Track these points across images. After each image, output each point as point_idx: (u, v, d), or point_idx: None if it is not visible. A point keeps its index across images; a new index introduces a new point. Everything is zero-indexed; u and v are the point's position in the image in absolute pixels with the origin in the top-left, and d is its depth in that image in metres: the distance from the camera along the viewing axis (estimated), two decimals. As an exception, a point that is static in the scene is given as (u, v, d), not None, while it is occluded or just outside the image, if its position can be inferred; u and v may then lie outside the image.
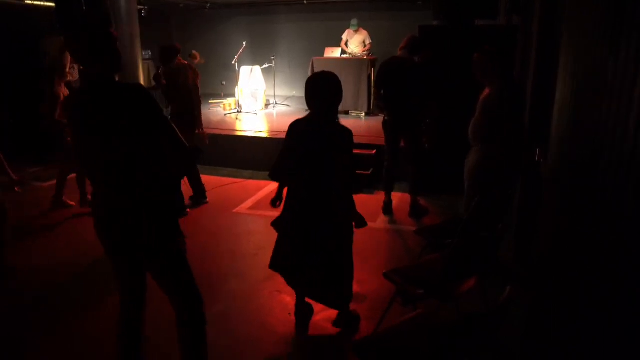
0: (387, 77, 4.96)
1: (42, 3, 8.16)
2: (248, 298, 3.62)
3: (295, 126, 2.96)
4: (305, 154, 2.88)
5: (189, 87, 5.41)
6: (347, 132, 2.92)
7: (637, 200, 1.22)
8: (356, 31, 9.39)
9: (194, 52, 8.87)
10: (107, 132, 2.06)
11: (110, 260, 2.38)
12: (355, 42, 9.43)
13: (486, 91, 3.70)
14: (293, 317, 3.35)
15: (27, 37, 7.70)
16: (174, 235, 2.27)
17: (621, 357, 1.29)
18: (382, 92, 5.03)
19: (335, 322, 3.26)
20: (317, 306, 3.45)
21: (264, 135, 7.61)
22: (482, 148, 3.74)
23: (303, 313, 3.27)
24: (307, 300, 3.27)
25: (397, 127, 5.04)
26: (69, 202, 5.63)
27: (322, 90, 2.86)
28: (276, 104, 10.12)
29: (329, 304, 3.21)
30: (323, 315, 3.38)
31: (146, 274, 2.42)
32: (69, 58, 6.21)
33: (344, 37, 9.56)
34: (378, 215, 5.27)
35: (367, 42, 9.36)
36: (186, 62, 5.66)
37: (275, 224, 3.11)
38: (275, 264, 3.14)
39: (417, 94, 4.90)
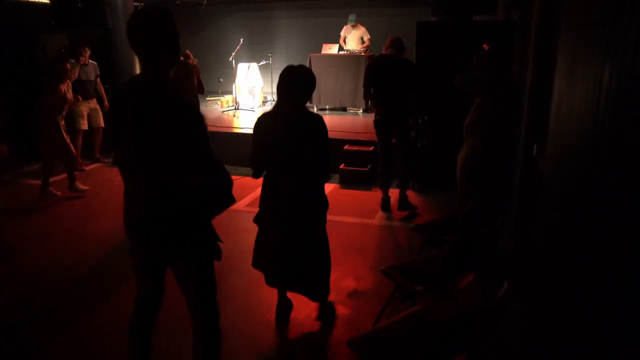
0: (378, 75, 4.97)
1: (38, -1, 8.12)
2: (246, 295, 3.61)
3: (264, 121, 2.95)
4: (282, 146, 2.87)
5: (189, 84, 5.45)
6: (319, 118, 2.93)
7: (635, 196, 1.22)
8: (354, 26, 9.33)
9: (187, 51, 8.90)
10: (141, 133, 1.98)
11: (132, 258, 2.28)
12: (353, 39, 9.38)
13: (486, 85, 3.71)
14: (291, 314, 3.34)
15: (24, 33, 7.66)
16: (207, 239, 2.22)
17: (618, 352, 1.29)
18: (372, 90, 5.04)
19: (319, 317, 3.29)
20: (314, 303, 3.45)
21: (262, 132, 7.59)
22: (473, 142, 3.75)
23: (284, 309, 3.29)
24: (287, 295, 3.32)
25: (389, 124, 5.06)
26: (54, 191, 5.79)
27: (291, 81, 2.86)
28: (274, 100, 10.10)
29: (311, 296, 3.24)
30: (321, 311, 3.38)
31: (165, 275, 2.34)
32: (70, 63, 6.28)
33: (342, 33, 9.52)
34: (376, 211, 5.27)
35: (366, 38, 9.31)
36: (184, 60, 5.68)
37: (258, 219, 3.13)
38: (257, 262, 3.19)
39: (411, 91, 4.94)
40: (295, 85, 2.87)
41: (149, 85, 2.01)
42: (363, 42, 9.33)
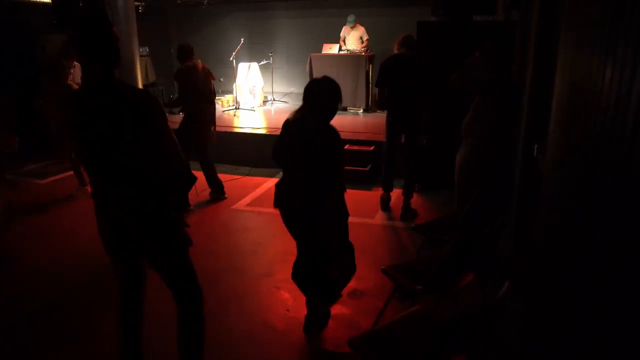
0: (391, 76, 4.89)
1: (39, -1, 8.11)
2: (246, 294, 3.62)
3: (286, 124, 2.99)
4: (294, 155, 2.91)
5: (204, 86, 5.49)
6: (334, 133, 2.94)
7: (635, 196, 1.22)
8: (353, 27, 9.36)
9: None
10: (112, 132, 2.08)
11: (110, 257, 2.41)
12: (352, 39, 9.41)
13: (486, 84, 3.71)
14: (291, 314, 3.35)
15: (25, 33, 7.65)
16: (174, 226, 2.31)
17: (618, 352, 1.29)
18: (387, 91, 4.94)
19: (306, 324, 3.20)
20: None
21: (262, 132, 7.59)
22: (472, 142, 3.75)
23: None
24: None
25: (400, 125, 5.02)
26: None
27: (316, 92, 2.87)
28: (274, 100, 10.10)
29: (308, 294, 3.19)
30: (322, 311, 3.38)
31: (144, 270, 2.45)
32: (70, 59, 6.31)
33: (342, 34, 9.54)
34: (376, 211, 5.27)
35: (365, 38, 9.33)
36: (199, 62, 5.71)
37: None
38: None
39: (423, 91, 4.88)
40: (312, 95, 2.87)
41: (111, 85, 2.11)
42: (362, 42, 9.35)
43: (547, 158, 2.63)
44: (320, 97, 2.85)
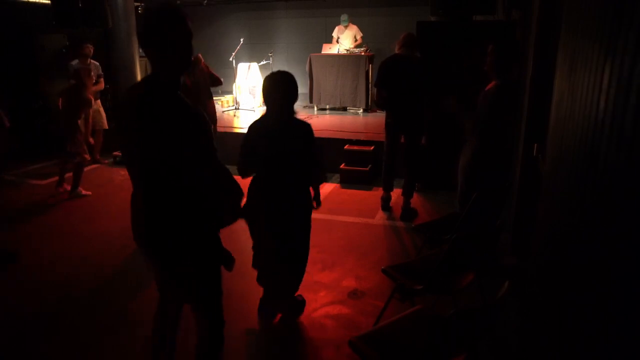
0: (390, 76, 4.87)
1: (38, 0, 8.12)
2: (245, 295, 3.61)
3: (256, 127, 3.09)
4: (270, 153, 2.99)
5: (201, 85, 5.53)
6: (307, 126, 3.05)
7: (635, 196, 1.22)
8: (346, 27, 9.40)
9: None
10: (168, 138, 1.91)
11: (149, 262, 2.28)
12: (346, 38, 9.46)
13: (490, 85, 3.70)
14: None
15: (24, 32, 7.65)
16: (207, 246, 2.22)
17: (618, 351, 1.29)
18: (385, 92, 4.92)
19: (287, 314, 3.33)
20: (315, 303, 3.45)
21: (262, 131, 7.59)
22: (477, 141, 3.75)
23: (267, 310, 3.33)
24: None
25: (400, 127, 5.01)
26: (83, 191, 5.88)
27: (281, 89, 2.98)
28: (274, 100, 10.09)
29: (285, 288, 3.28)
30: (321, 311, 3.38)
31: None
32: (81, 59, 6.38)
33: (335, 34, 9.56)
34: (377, 211, 5.27)
35: (359, 36, 9.38)
36: (199, 55, 5.77)
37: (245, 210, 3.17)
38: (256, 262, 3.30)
39: (425, 91, 4.87)
40: (278, 92, 2.99)
41: (159, 90, 1.95)
42: (356, 40, 9.38)
43: (547, 158, 2.63)
44: (282, 92, 2.99)
